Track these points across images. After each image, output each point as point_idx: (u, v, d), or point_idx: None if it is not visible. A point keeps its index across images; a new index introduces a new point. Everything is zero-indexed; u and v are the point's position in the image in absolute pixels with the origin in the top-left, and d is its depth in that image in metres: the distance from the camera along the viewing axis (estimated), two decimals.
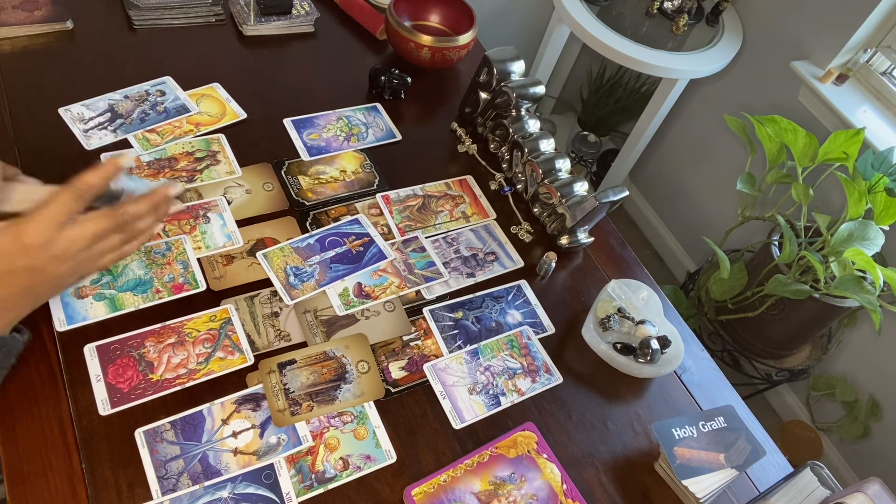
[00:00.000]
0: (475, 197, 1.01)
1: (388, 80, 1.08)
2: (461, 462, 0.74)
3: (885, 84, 1.67)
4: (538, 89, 1.03)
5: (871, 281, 1.39)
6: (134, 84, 0.99)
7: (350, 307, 0.83)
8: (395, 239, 0.92)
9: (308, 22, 1.16)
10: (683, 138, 2.21)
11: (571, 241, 0.98)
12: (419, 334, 0.84)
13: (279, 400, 0.74)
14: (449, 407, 0.78)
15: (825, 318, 1.63)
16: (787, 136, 1.53)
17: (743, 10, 1.92)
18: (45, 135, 0.90)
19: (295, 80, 1.09)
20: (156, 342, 0.75)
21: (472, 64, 1.14)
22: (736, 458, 0.76)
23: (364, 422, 0.75)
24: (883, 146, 1.54)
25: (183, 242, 0.84)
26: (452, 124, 1.10)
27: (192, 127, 0.96)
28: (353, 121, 1.05)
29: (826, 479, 0.77)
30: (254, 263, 0.84)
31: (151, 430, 0.69)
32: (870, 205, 1.43)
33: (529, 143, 0.99)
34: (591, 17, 1.78)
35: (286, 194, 0.93)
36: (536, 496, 0.73)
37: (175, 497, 0.66)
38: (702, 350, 0.95)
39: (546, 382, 0.84)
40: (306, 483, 0.70)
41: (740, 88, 1.96)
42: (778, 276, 1.50)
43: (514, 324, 0.88)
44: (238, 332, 0.78)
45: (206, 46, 1.09)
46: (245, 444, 0.70)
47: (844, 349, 1.83)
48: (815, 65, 1.72)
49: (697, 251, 2.25)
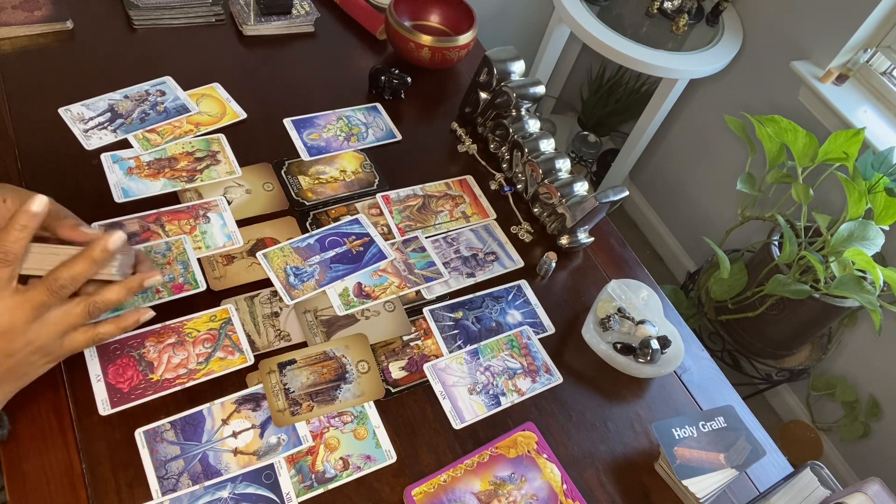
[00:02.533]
0: (475, 197, 1.01)
1: (388, 80, 1.08)
2: (461, 462, 0.74)
3: (885, 84, 1.67)
4: (538, 89, 1.03)
5: (871, 281, 1.39)
6: (134, 84, 0.99)
7: (350, 307, 0.83)
8: (395, 239, 0.92)
9: (308, 22, 1.16)
10: (683, 138, 2.21)
11: (571, 241, 0.98)
12: (419, 334, 0.84)
13: (279, 400, 0.74)
14: (449, 407, 0.78)
15: (825, 318, 1.63)
16: (787, 136, 1.53)
17: (743, 10, 1.92)
18: (45, 135, 0.90)
19: (295, 80, 1.09)
20: (156, 342, 0.75)
21: (472, 64, 1.14)
22: (736, 458, 0.76)
23: (364, 422, 0.75)
24: (883, 146, 1.54)
25: (183, 242, 0.84)
26: (452, 124, 1.10)
27: (192, 127, 0.96)
28: (353, 121, 1.05)
29: (826, 479, 0.77)
30: (254, 263, 0.84)
31: (151, 430, 0.69)
32: (870, 205, 1.43)
33: (529, 143, 0.99)
34: (591, 17, 1.78)
35: (286, 194, 0.93)
36: (536, 496, 0.73)
37: (175, 497, 0.66)
38: (702, 350, 0.95)
39: (546, 382, 0.84)
40: (306, 483, 0.70)
41: (740, 88, 1.96)
42: (778, 276, 1.50)
43: (514, 324, 0.88)
44: (238, 332, 0.78)
45: (206, 46, 1.09)
46: (245, 444, 0.70)
47: (844, 349, 1.83)
48: (815, 65, 1.72)
49: (697, 251, 2.25)
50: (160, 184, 0.89)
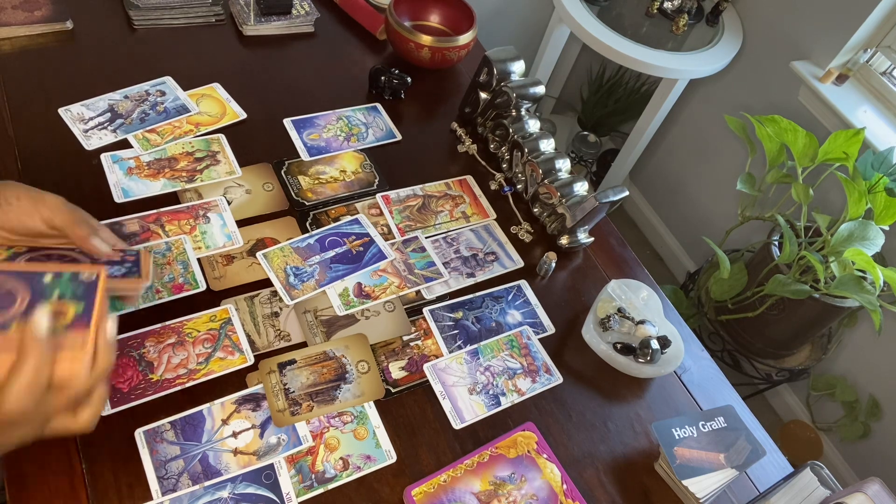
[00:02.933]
0: (475, 197, 1.01)
1: (388, 80, 1.08)
2: (461, 462, 0.74)
3: (885, 84, 1.67)
4: (538, 89, 1.03)
5: (871, 281, 1.39)
6: (134, 84, 0.99)
7: (350, 307, 0.83)
8: (395, 239, 0.92)
9: (308, 22, 1.16)
10: (683, 138, 2.21)
11: (571, 241, 0.98)
12: (419, 334, 0.84)
13: (279, 400, 0.74)
14: (449, 407, 0.78)
15: (825, 318, 1.63)
16: (787, 136, 1.53)
17: (743, 10, 1.92)
18: (45, 135, 0.90)
19: (295, 80, 1.09)
20: (156, 342, 0.75)
21: (472, 64, 1.14)
22: (736, 458, 0.76)
23: (364, 422, 0.75)
24: (883, 146, 1.54)
25: (183, 242, 0.84)
26: (452, 124, 1.10)
27: (192, 127, 0.96)
28: (353, 121, 1.05)
29: (826, 479, 0.77)
30: (254, 263, 0.84)
31: (151, 430, 0.69)
32: (870, 205, 1.43)
33: (529, 143, 0.99)
34: (591, 17, 1.78)
35: (286, 194, 0.93)
36: (536, 496, 0.73)
37: (175, 497, 0.66)
38: (702, 350, 0.95)
39: (546, 382, 0.84)
40: (306, 483, 0.70)
41: (740, 88, 1.96)
42: (778, 276, 1.50)
43: (514, 324, 0.88)
44: (238, 332, 0.78)
45: (206, 46, 1.09)
46: (245, 444, 0.70)
47: (844, 349, 1.83)
48: (815, 65, 1.72)
49: (697, 251, 2.25)
50: (160, 184, 0.89)
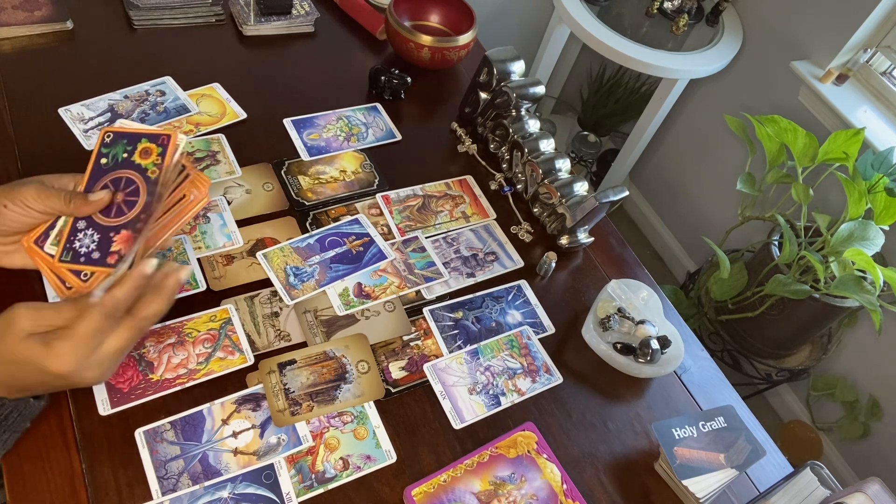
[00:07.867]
0: (475, 197, 1.01)
1: (388, 80, 1.08)
2: (461, 462, 0.74)
3: (885, 84, 1.67)
4: (538, 89, 1.03)
5: (871, 281, 1.39)
6: (134, 84, 0.99)
7: (350, 307, 0.83)
8: (395, 239, 0.92)
9: (308, 22, 1.16)
10: (683, 138, 2.21)
11: (571, 241, 0.98)
12: (419, 334, 0.84)
13: (279, 400, 0.74)
14: (449, 407, 0.78)
15: (825, 318, 1.63)
16: (787, 136, 1.53)
17: (743, 10, 1.92)
18: (45, 135, 0.90)
19: (295, 80, 1.09)
20: (155, 342, 0.75)
21: (472, 64, 1.14)
22: (736, 458, 0.76)
23: (364, 422, 0.75)
24: (883, 146, 1.54)
25: (183, 242, 0.84)
26: (452, 124, 1.10)
27: (191, 127, 0.96)
28: (353, 121, 1.05)
29: (826, 479, 0.77)
30: (254, 263, 0.84)
31: (151, 430, 0.69)
32: (870, 205, 1.43)
33: (529, 143, 0.99)
34: (591, 17, 1.78)
35: (286, 194, 0.93)
36: (536, 496, 0.73)
37: (175, 497, 0.66)
38: (702, 350, 0.95)
39: (546, 382, 0.84)
40: (306, 483, 0.70)
41: (740, 88, 1.96)
42: (778, 276, 1.50)
43: (514, 324, 0.88)
44: (238, 332, 0.78)
45: (206, 46, 1.09)
46: (245, 444, 0.70)
47: (844, 349, 1.83)
48: (815, 65, 1.72)
49: (697, 251, 2.25)
50: None
